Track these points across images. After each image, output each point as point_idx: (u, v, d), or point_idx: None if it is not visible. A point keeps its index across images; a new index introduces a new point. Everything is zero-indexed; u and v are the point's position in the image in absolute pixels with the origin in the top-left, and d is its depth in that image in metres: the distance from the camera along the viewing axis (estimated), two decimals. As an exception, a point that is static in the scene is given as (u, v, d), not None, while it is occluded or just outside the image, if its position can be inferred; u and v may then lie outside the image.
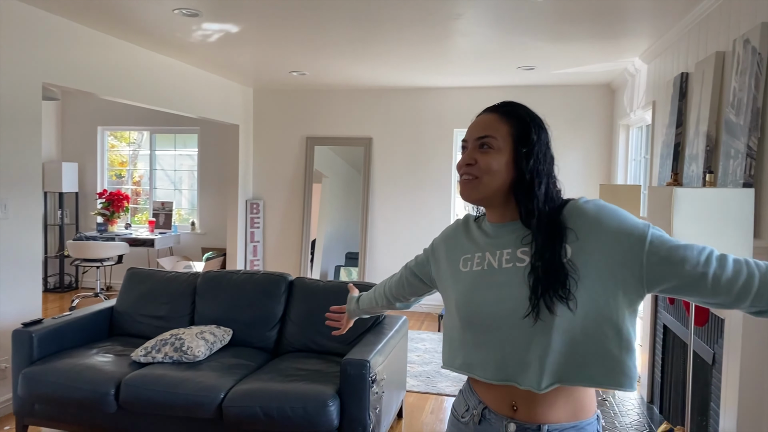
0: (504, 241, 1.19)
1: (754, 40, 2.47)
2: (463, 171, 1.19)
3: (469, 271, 1.22)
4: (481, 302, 1.16)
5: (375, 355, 2.78)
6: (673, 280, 1.07)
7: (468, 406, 1.24)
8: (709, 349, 2.77)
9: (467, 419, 1.23)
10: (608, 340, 1.08)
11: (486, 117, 1.22)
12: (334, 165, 6.90)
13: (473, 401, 1.23)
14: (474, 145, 1.19)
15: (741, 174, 2.49)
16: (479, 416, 1.20)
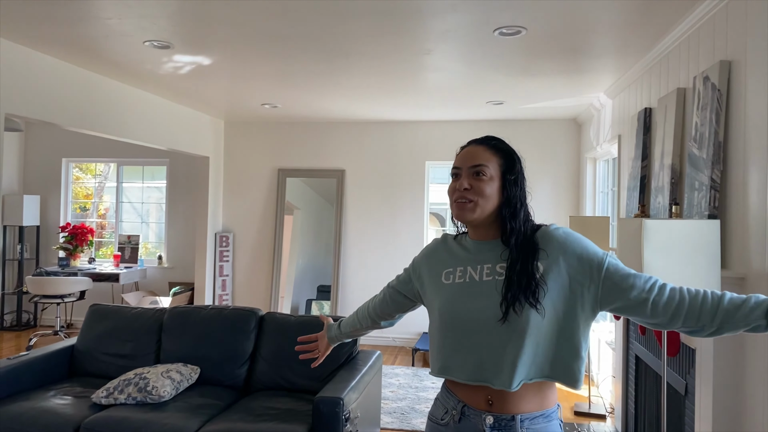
0: (485, 257, 1.38)
1: (713, 77, 2.57)
2: (459, 195, 1.36)
3: (451, 283, 1.39)
4: (462, 309, 1.34)
5: (349, 392, 2.70)
6: (622, 302, 1.29)
7: (446, 409, 1.39)
8: (682, 380, 2.78)
9: (447, 420, 1.38)
10: (562, 348, 1.29)
11: (476, 148, 1.41)
12: (305, 197, 6.86)
13: (452, 402, 1.38)
14: (468, 173, 1.37)
15: (706, 206, 2.55)
16: (459, 414, 1.36)
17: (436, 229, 7.00)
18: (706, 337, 1.26)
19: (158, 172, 7.16)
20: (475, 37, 3.40)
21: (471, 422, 1.33)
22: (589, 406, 4.37)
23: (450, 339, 1.34)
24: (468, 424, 1.34)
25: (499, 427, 1.31)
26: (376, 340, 6.38)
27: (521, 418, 1.30)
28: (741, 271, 2.35)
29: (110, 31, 3.46)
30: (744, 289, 2.33)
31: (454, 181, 1.40)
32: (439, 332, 1.37)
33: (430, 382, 4.99)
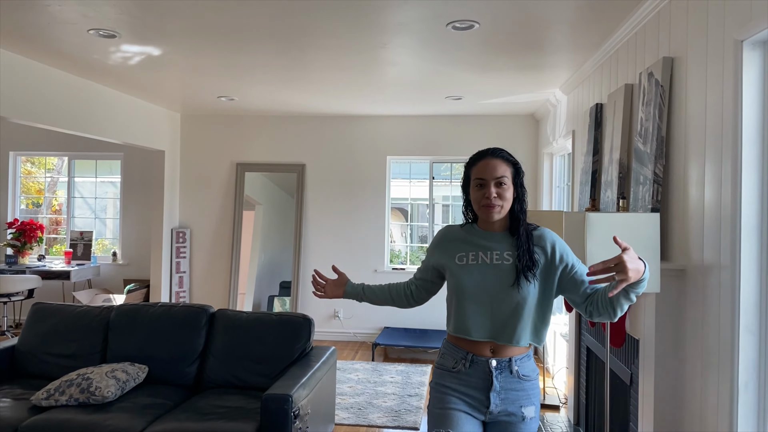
0: (495, 245, 1.85)
1: (657, 73, 2.62)
2: (490, 202, 1.80)
3: (465, 264, 1.85)
4: (478, 281, 1.82)
5: (298, 389, 2.67)
6: (574, 292, 1.83)
7: (456, 359, 1.86)
8: (627, 370, 2.85)
9: (458, 367, 1.85)
10: (537, 315, 1.84)
11: (495, 161, 1.83)
12: (268, 192, 6.76)
13: (461, 354, 1.85)
14: (493, 183, 1.81)
15: (649, 199, 2.61)
16: (469, 362, 1.83)
17: (400, 224, 7.00)
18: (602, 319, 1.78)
19: (115, 166, 6.95)
20: (429, 31, 3.39)
21: (480, 366, 1.82)
22: (544, 398, 4.44)
23: (465, 307, 1.82)
24: (477, 368, 1.83)
25: (500, 367, 1.82)
26: (338, 336, 6.35)
27: (515, 359, 1.83)
28: (681, 263, 2.41)
29: (52, 19, 3.32)
30: (684, 281, 2.39)
31: (479, 189, 1.82)
32: (457, 302, 1.85)
33: (389, 376, 4.99)
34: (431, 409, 1.87)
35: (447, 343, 1.90)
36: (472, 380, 1.81)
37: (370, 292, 2.12)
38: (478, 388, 1.82)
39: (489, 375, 1.81)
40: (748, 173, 1.94)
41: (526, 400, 1.83)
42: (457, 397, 1.83)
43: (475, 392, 1.82)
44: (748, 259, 1.94)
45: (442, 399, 1.83)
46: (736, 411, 1.95)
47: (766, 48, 1.93)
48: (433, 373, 1.92)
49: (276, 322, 3.28)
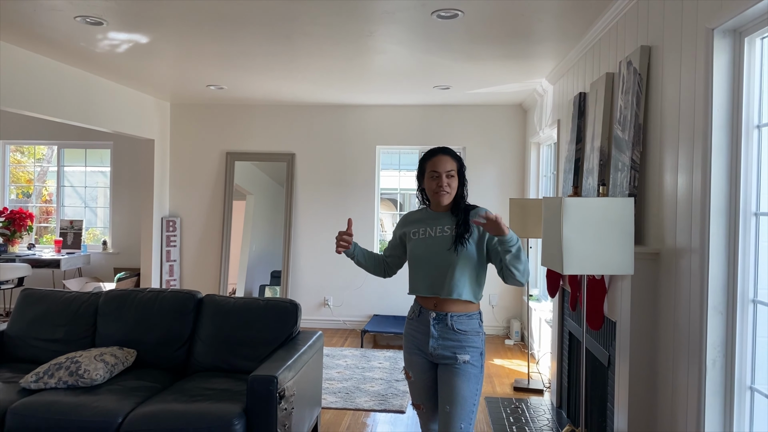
0: (440, 221, 2.34)
1: (635, 62, 2.68)
2: (441, 188, 2.30)
3: (417, 238, 2.36)
4: (423, 249, 2.33)
5: (283, 371, 2.72)
6: (496, 260, 2.27)
7: (414, 311, 2.39)
8: (605, 352, 2.92)
9: (413, 317, 2.38)
10: (471, 276, 2.30)
11: (445, 157, 2.32)
12: (259, 182, 6.78)
13: (416, 307, 2.37)
14: (444, 174, 2.30)
15: (627, 185, 2.67)
16: (418, 312, 2.35)
17: (392, 213, 7.05)
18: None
19: (105, 155, 6.95)
20: (414, 20, 3.42)
21: (424, 316, 2.33)
22: (528, 382, 4.52)
23: (416, 269, 2.35)
24: (423, 318, 2.33)
25: (438, 319, 2.29)
26: (327, 323, 6.42)
27: (451, 315, 2.28)
28: (656, 247, 2.48)
29: (38, 5, 3.33)
30: (658, 264, 2.45)
31: (433, 179, 2.32)
32: (411, 266, 2.37)
33: (377, 362, 5.05)
34: (404, 352, 2.43)
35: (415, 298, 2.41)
36: (420, 327, 2.33)
37: (359, 254, 2.50)
38: (423, 333, 2.32)
39: (428, 324, 2.29)
40: (717, 159, 2.00)
41: (460, 349, 2.26)
42: (411, 340, 2.38)
43: (421, 336, 2.32)
44: (717, 243, 2.01)
45: (407, 345, 2.40)
46: (704, 387, 2.03)
47: (735, 36, 1.98)
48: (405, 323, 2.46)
49: (263, 307, 3.32)
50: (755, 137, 1.94)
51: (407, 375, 2.40)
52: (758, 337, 1.95)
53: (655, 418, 2.46)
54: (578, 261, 2.26)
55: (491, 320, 6.21)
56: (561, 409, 3.98)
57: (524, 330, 5.88)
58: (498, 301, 6.21)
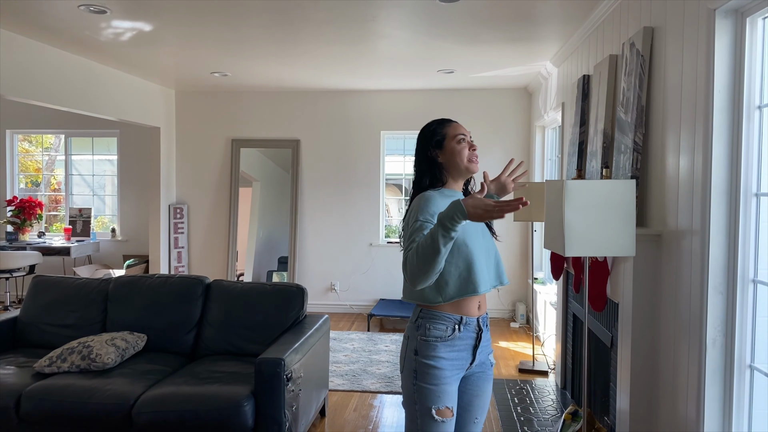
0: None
1: (638, 43, 2.67)
2: (476, 156, 1.93)
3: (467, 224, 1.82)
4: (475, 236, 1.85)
5: (291, 354, 2.77)
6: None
7: (450, 327, 1.82)
8: (608, 333, 2.95)
9: (454, 334, 1.83)
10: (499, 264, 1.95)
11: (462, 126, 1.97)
12: (265, 168, 6.81)
13: (455, 319, 1.83)
14: (470, 141, 1.93)
15: (629, 168, 2.67)
16: (463, 325, 1.84)
17: (397, 199, 7.07)
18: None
19: (112, 144, 6.99)
20: (417, 3, 3.41)
21: (470, 327, 1.85)
22: (533, 364, 4.57)
23: (473, 263, 1.80)
24: (468, 329, 1.85)
25: (484, 322, 1.90)
26: (334, 308, 6.48)
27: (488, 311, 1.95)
28: (658, 229, 2.49)
29: (42, -6, 3.34)
30: (660, 245, 2.47)
31: (461, 144, 1.90)
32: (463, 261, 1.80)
33: (383, 345, 5.11)
34: (423, 384, 1.80)
35: (435, 313, 1.83)
36: (463, 343, 1.84)
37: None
38: (467, 349, 1.86)
39: (478, 333, 1.87)
40: (719, 140, 2.01)
41: (490, 347, 1.96)
42: (450, 365, 1.82)
43: (463, 353, 1.85)
44: (717, 224, 2.02)
45: (437, 374, 1.80)
46: (704, 367, 2.05)
47: (737, 16, 1.97)
48: (421, 347, 1.82)
49: (270, 291, 3.37)
50: (756, 118, 1.94)
51: (446, 413, 1.81)
52: (758, 317, 1.97)
53: (656, 398, 2.49)
54: (580, 243, 2.28)
55: (497, 303, 6.25)
56: (565, 390, 4.03)
57: (529, 313, 5.92)
58: (503, 284, 6.23)
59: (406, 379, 1.85)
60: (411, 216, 1.80)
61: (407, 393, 1.86)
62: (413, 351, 1.83)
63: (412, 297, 1.86)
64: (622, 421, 2.65)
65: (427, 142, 1.93)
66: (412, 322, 1.88)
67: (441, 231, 1.60)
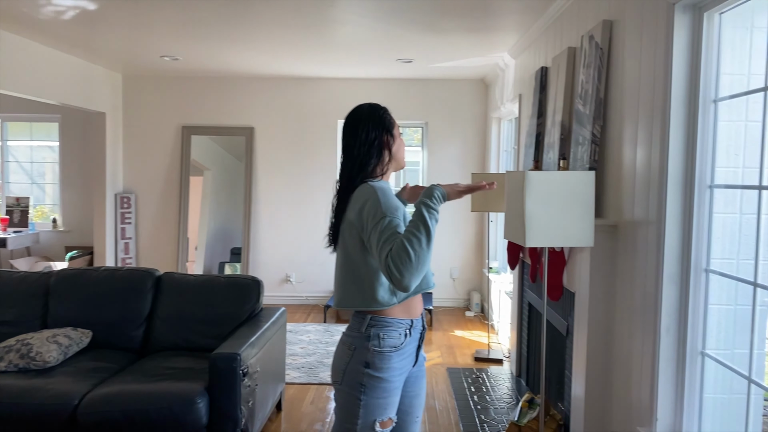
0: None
1: (597, 36, 2.70)
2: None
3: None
4: None
5: (247, 348, 2.69)
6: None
7: (403, 333, 1.71)
8: (564, 322, 3.00)
9: (402, 342, 1.71)
10: None
11: None
12: (217, 157, 6.61)
13: (406, 325, 1.72)
14: None
15: (587, 159, 2.71)
16: (409, 330, 1.73)
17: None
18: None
19: (52, 129, 6.61)
20: (377, -10, 3.34)
21: (417, 328, 1.77)
22: (489, 352, 4.63)
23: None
24: (415, 332, 1.76)
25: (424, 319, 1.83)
26: (290, 299, 6.38)
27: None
28: (614, 219, 2.53)
29: (-28, -35, 3.09)
30: (616, 236, 2.52)
31: (402, 141, 1.87)
32: None
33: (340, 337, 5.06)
34: (371, 399, 1.66)
35: (387, 320, 1.69)
36: (410, 348, 1.74)
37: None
38: (412, 353, 1.76)
39: (422, 333, 1.79)
40: (675, 133, 2.05)
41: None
42: (399, 374, 1.72)
43: (409, 358, 1.75)
44: (673, 215, 2.07)
45: (387, 387, 1.68)
46: (658, 354, 2.10)
47: (695, 12, 2.01)
48: (374, 359, 1.66)
49: (224, 284, 3.26)
50: (711, 111, 1.99)
51: (389, 423, 1.72)
52: (710, 305, 2.03)
53: (610, 384, 2.55)
54: (540, 234, 2.30)
55: (452, 293, 6.31)
56: (520, 377, 4.10)
57: (484, 302, 6.00)
58: (459, 274, 6.30)
59: (348, 393, 1.69)
60: (370, 211, 1.62)
61: (347, 408, 1.69)
62: (362, 364, 1.66)
63: (357, 303, 1.68)
64: (576, 407, 2.70)
65: (380, 126, 1.78)
66: (359, 331, 1.69)
67: (431, 213, 1.56)
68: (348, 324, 1.77)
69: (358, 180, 1.75)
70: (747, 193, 1.97)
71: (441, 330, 5.42)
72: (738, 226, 2.03)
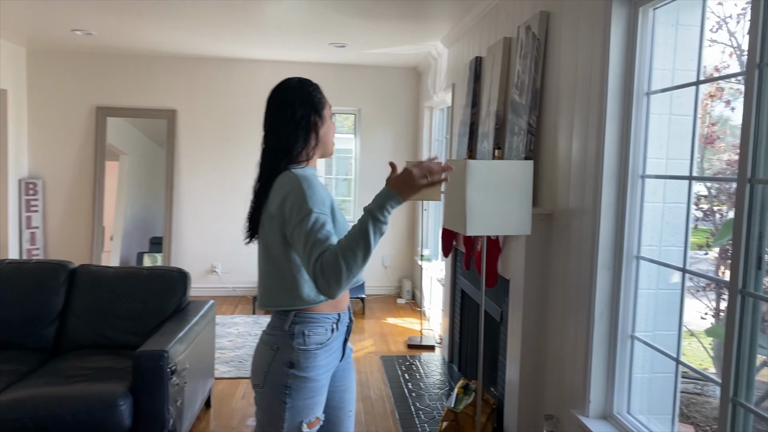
0: None
1: (534, 27, 2.73)
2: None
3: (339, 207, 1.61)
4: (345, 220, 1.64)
5: (175, 344, 2.53)
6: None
7: (329, 328, 1.59)
8: (498, 308, 3.06)
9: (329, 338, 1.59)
10: None
11: None
12: (134, 141, 6.21)
13: (332, 319, 1.60)
14: None
15: (523, 149, 2.75)
16: (336, 324, 1.61)
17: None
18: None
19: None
20: (312, -31, 3.22)
21: (343, 321, 1.65)
22: (421, 339, 4.67)
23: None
24: (342, 325, 1.65)
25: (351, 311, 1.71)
26: (216, 291, 6.14)
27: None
28: (549, 208, 2.59)
29: None
30: (551, 224, 2.58)
31: (332, 119, 1.71)
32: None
33: (271, 329, 4.93)
34: (297, 401, 1.54)
35: (313, 315, 1.57)
36: (336, 343, 1.63)
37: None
38: (339, 348, 1.65)
39: (349, 325, 1.69)
40: (611, 125, 2.10)
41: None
42: (326, 371, 1.60)
43: (336, 353, 1.64)
44: (607, 204, 2.13)
45: (314, 386, 1.56)
46: (591, 338, 2.17)
47: (631, 6, 2.07)
48: (299, 358, 1.54)
49: (147, 276, 3.06)
50: (644, 104, 2.06)
51: (316, 423, 1.61)
52: (639, 290, 2.12)
53: (544, 369, 2.62)
54: (481, 222, 2.30)
55: (384, 281, 6.31)
56: (452, 363, 4.16)
57: (415, 289, 6.05)
58: (391, 261, 6.31)
59: (271, 396, 1.55)
60: (294, 204, 1.46)
61: (271, 412, 1.56)
62: (286, 364, 1.53)
63: (281, 302, 1.56)
64: (511, 391, 2.76)
65: (308, 105, 1.60)
66: (282, 329, 1.55)
67: (377, 228, 1.37)
68: (269, 321, 1.62)
69: (282, 165, 1.57)
70: (669, 183, 2.06)
71: (374, 318, 5.40)
72: (660, 214, 2.12)
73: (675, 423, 1.96)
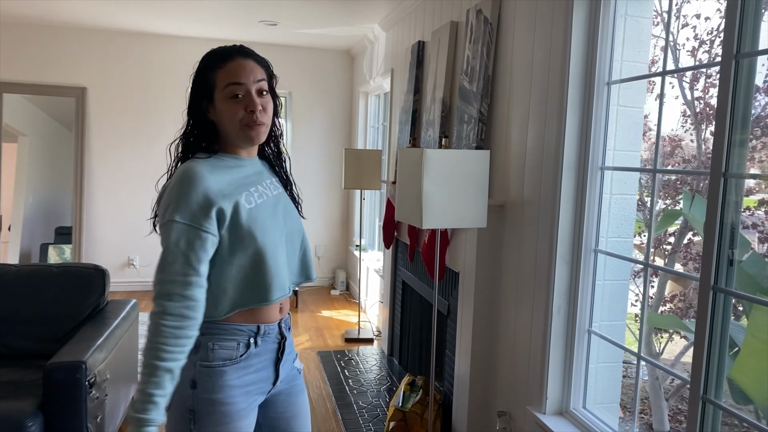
0: (261, 172, 1.40)
1: (486, 11, 2.63)
2: (257, 120, 1.29)
3: (254, 206, 1.30)
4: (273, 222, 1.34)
5: (93, 353, 2.23)
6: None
7: (243, 343, 1.31)
8: (445, 301, 2.97)
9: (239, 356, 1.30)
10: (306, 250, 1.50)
11: (251, 63, 1.33)
12: (35, 121, 5.59)
13: (249, 332, 1.31)
14: (255, 91, 1.30)
15: (474, 138, 2.66)
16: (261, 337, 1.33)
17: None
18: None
19: None
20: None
21: (270, 337, 1.36)
22: (359, 332, 4.54)
23: (267, 263, 1.29)
24: (268, 341, 1.36)
25: (287, 326, 1.42)
26: (135, 286, 5.68)
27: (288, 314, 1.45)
28: (501, 199, 2.52)
29: None
30: (503, 215, 2.51)
31: (234, 100, 1.28)
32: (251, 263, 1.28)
33: (198, 325, 4.61)
34: (203, 430, 1.27)
35: (221, 326, 1.30)
36: (262, 360, 1.35)
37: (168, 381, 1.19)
38: (267, 367, 1.37)
39: (281, 342, 1.39)
40: (572, 115, 2.04)
41: (294, 352, 1.49)
42: (244, 393, 1.32)
43: (263, 373, 1.36)
44: (567, 196, 2.08)
45: (226, 411, 1.28)
46: (549, 332, 2.13)
47: (592, -8, 2.00)
48: (202, 377, 1.28)
49: (58, 275, 2.70)
50: (605, 94, 2.01)
51: None
52: (597, 284, 2.09)
53: (496, 364, 2.57)
54: (437, 215, 2.19)
55: (317, 272, 6.11)
56: (392, 356, 4.06)
57: (350, 280, 5.90)
58: (324, 252, 6.12)
59: (176, 422, 1.29)
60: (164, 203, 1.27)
61: None
62: (188, 383, 1.27)
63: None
64: (461, 386, 2.69)
65: (196, 88, 1.33)
66: None
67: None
68: None
69: (188, 153, 1.34)
70: (617, 175, 2.04)
71: (308, 311, 5.21)
72: (608, 206, 2.10)
73: (635, 414, 1.95)
